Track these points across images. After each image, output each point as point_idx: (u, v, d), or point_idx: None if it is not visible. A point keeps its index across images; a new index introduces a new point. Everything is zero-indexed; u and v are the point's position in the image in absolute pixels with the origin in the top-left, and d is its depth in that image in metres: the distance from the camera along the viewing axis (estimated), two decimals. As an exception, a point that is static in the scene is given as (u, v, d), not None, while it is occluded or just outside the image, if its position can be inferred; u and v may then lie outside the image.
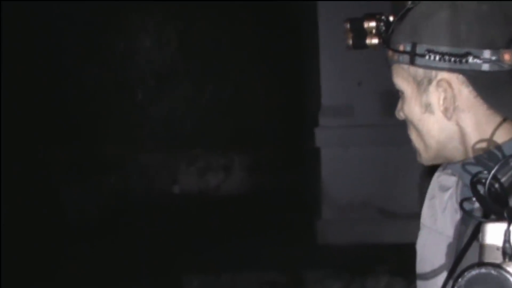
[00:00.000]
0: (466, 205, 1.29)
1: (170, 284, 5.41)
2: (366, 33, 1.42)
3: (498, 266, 0.99)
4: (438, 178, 1.54)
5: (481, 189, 1.20)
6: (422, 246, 1.55)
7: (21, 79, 7.16)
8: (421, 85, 1.39)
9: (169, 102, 8.17)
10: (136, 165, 8.06)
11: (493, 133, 1.37)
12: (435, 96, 1.38)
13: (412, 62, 1.37)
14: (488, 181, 1.17)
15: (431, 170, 1.59)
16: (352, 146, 5.99)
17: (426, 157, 1.46)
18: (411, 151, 1.48)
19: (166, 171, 8.22)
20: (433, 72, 1.37)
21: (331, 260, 5.56)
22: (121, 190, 7.77)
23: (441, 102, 1.38)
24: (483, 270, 0.99)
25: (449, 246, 1.44)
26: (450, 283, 1.19)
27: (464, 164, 1.39)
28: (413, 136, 1.46)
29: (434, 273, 1.46)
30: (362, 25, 1.43)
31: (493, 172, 1.18)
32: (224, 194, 8.11)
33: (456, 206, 1.44)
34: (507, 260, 1.01)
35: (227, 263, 5.62)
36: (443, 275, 1.42)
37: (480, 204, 1.23)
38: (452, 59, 1.34)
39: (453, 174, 1.48)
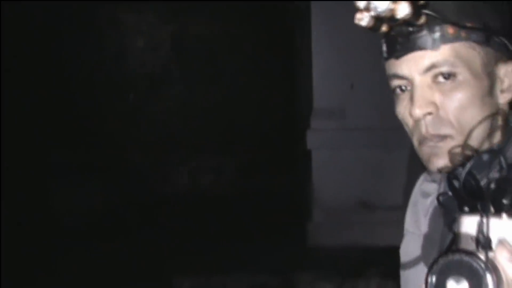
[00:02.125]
0: (443, 200, 1.34)
1: (161, 286, 5.40)
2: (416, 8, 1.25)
3: (471, 253, 1.02)
4: (421, 186, 1.54)
5: (456, 184, 1.26)
6: (407, 252, 1.57)
7: (20, 80, 7.14)
8: (488, 66, 1.32)
9: (161, 104, 8.17)
10: (129, 166, 8.05)
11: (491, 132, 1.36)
12: (498, 78, 1.33)
13: (488, 40, 1.30)
14: (463, 176, 1.22)
15: (415, 178, 1.57)
16: (344, 149, 6.00)
17: (459, 155, 1.31)
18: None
19: (158, 173, 8.21)
20: (499, 54, 1.32)
21: (322, 263, 5.56)
22: (113, 192, 7.75)
23: (504, 85, 1.34)
24: (456, 257, 1.03)
25: (435, 244, 1.45)
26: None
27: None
28: (456, 127, 1.31)
29: (413, 263, 1.50)
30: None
31: (467, 167, 1.22)
32: (214, 196, 8.11)
33: (439, 211, 1.44)
34: (479, 249, 1.04)
35: (218, 265, 5.61)
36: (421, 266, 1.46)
37: (455, 197, 1.29)
38: None
39: (434, 181, 1.49)
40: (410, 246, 1.55)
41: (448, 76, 1.29)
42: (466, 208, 1.16)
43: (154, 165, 8.16)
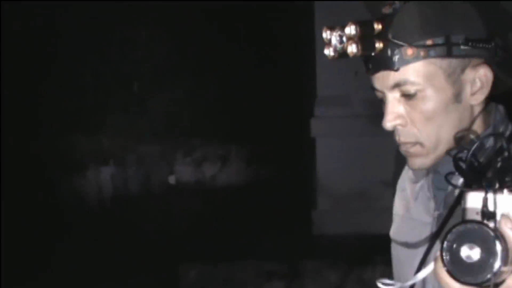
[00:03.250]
0: (452, 179, 1.43)
1: (167, 274, 5.42)
2: (373, 36, 1.39)
3: (481, 223, 1.15)
4: (408, 173, 1.67)
5: (462, 165, 1.36)
6: (398, 233, 1.67)
7: (20, 73, 7.16)
8: (453, 76, 1.40)
9: (167, 94, 8.18)
10: (135, 156, 8.06)
11: (473, 122, 1.46)
12: (467, 83, 1.42)
13: (449, 53, 1.38)
14: (468, 157, 1.33)
15: (402, 166, 1.69)
16: (348, 136, 6.00)
17: (432, 156, 1.47)
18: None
19: (164, 162, 8.23)
20: (467, 60, 1.40)
21: (327, 251, 5.58)
22: (119, 181, 7.77)
23: (474, 88, 1.42)
24: (468, 226, 1.15)
25: (426, 229, 1.54)
26: (437, 243, 1.40)
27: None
28: (424, 135, 1.45)
29: (414, 253, 1.56)
30: (372, 28, 1.39)
31: (472, 150, 1.32)
32: (220, 184, 8.12)
33: (429, 194, 1.56)
34: (485, 220, 1.16)
35: (224, 253, 5.63)
36: (425, 246, 1.52)
37: (462, 176, 1.40)
38: (485, 45, 1.39)
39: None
40: (401, 230, 1.65)
41: (413, 92, 1.42)
42: (474, 186, 1.25)
43: (159, 155, 8.18)
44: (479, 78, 1.42)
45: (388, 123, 1.48)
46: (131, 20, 8.11)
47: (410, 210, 1.63)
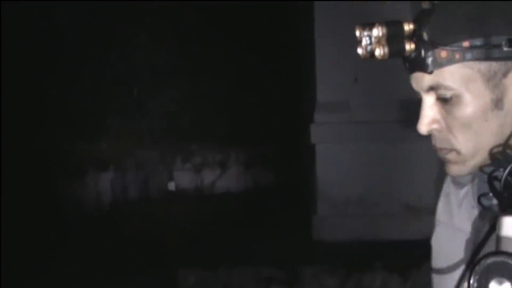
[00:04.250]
0: (484, 201, 1.34)
1: (166, 279, 5.41)
2: (404, 37, 1.29)
3: (511, 254, 1.06)
4: (453, 177, 1.54)
5: (497, 185, 1.27)
6: (438, 242, 1.56)
7: (20, 76, 7.16)
8: (492, 80, 1.31)
9: (166, 98, 8.18)
10: (134, 161, 8.07)
11: (510, 136, 1.35)
12: (510, 88, 1.32)
13: (489, 56, 1.29)
14: (504, 177, 1.24)
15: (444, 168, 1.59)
16: (348, 142, 6.00)
17: (470, 164, 1.36)
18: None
19: (163, 167, 8.23)
20: (510, 63, 1.30)
21: (326, 256, 5.57)
22: (118, 185, 7.77)
23: None
24: (499, 259, 1.06)
25: (467, 241, 1.45)
26: (468, 272, 1.22)
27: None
28: (460, 142, 1.35)
29: (452, 268, 1.48)
30: (401, 29, 1.30)
31: (509, 168, 1.24)
32: (220, 189, 8.12)
33: (473, 202, 1.45)
34: None
35: (223, 258, 5.63)
36: (461, 269, 1.43)
37: (496, 199, 1.29)
38: None
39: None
40: (444, 240, 1.55)
41: (449, 96, 1.32)
42: (510, 210, 1.17)
43: (159, 159, 8.18)
44: None
45: (423, 127, 1.35)
46: (131, 24, 8.12)
47: (453, 218, 1.53)
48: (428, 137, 1.40)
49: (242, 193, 7.93)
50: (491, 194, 1.32)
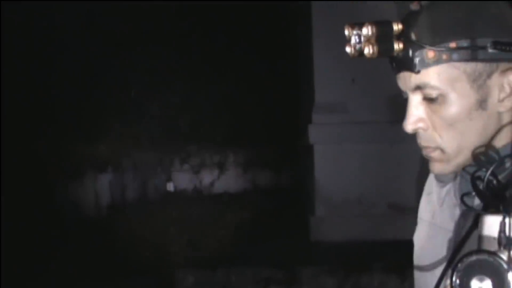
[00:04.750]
0: (467, 200, 1.37)
1: (165, 280, 5.42)
2: (392, 37, 1.32)
3: (493, 253, 1.08)
4: (435, 175, 1.57)
5: (480, 185, 1.30)
6: (420, 240, 1.58)
7: (20, 77, 7.16)
8: (477, 81, 1.33)
9: (164, 99, 8.18)
10: (131, 162, 8.07)
11: (499, 131, 1.38)
12: (495, 89, 1.34)
13: (474, 57, 1.31)
14: (486, 177, 1.27)
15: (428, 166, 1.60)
16: (346, 143, 6.01)
17: (454, 163, 1.39)
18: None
19: (161, 168, 8.23)
20: (494, 65, 1.33)
21: (325, 257, 5.58)
22: (117, 186, 7.78)
23: (502, 94, 1.34)
24: (480, 257, 1.08)
25: (449, 239, 1.47)
26: (449, 270, 1.24)
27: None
28: (445, 141, 1.38)
29: (433, 265, 1.50)
30: (390, 29, 1.32)
31: (491, 169, 1.26)
32: (218, 190, 8.12)
33: (455, 200, 1.48)
34: (501, 248, 1.09)
35: (222, 259, 5.63)
36: (442, 267, 1.45)
37: (479, 198, 1.32)
38: None
39: None
40: (426, 238, 1.57)
41: (434, 96, 1.35)
42: (491, 209, 1.19)
43: (158, 160, 8.18)
44: (508, 84, 1.34)
45: (409, 125, 1.39)
46: (129, 26, 8.12)
47: (435, 216, 1.55)
48: None
49: (241, 194, 7.93)
50: (473, 194, 1.34)
